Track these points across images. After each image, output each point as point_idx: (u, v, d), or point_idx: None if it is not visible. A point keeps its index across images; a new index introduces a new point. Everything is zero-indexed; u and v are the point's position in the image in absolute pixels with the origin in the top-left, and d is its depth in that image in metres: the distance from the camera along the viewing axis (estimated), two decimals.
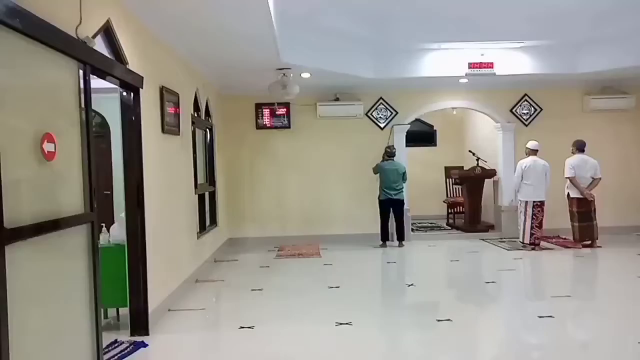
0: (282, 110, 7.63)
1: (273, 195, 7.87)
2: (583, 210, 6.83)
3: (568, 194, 6.94)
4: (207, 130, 6.71)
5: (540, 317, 3.98)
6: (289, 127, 7.75)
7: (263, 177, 7.87)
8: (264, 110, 7.69)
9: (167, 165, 4.55)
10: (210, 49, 5.12)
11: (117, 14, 3.37)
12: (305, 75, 6.43)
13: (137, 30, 3.83)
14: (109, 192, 5.52)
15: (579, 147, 6.91)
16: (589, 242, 6.86)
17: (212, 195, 6.82)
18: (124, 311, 3.88)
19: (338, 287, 5.05)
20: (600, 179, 6.82)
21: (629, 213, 7.94)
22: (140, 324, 3.68)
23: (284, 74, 5.98)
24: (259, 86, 6.90)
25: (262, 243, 7.59)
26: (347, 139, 7.87)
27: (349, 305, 4.43)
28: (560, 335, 3.72)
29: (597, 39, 6.58)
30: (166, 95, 4.40)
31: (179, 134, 4.85)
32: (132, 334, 3.66)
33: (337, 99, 7.75)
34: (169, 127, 4.49)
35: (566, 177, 6.84)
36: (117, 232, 3.90)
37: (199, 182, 5.88)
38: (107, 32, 3.25)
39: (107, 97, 4.05)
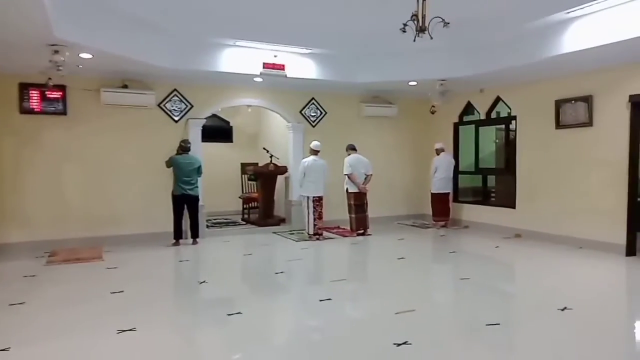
0: (55, 94, 6.58)
1: (45, 193, 6.75)
2: (358, 203, 7.84)
3: (347, 189, 7.86)
4: None
5: (321, 300, 4.38)
6: (64, 113, 6.75)
7: (31, 171, 6.67)
8: (31, 92, 6.51)
9: None
10: None
11: None
12: (86, 55, 5.68)
13: None
14: None
15: (352, 147, 7.95)
16: (362, 231, 7.92)
17: None
18: None
19: (122, 291, 4.63)
20: (371, 175, 7.94)
21: (391, 205, 9.45)
22: None
23: (57, 52, 5.15)
24: (25, 63, 5.83)
25: (28, 249, 6.46)
26: (138, 130, 7.29)
27: (133, 311, 4.09)
28: (336, 315, 4.13)
29: (370, 54, 7.60)
30: None
31: None
32: None
33: (125, 86, 7.09)
34: None
35: (345, 174, 7.74)
36: None
37: None
38: None
39: None
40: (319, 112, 8.74)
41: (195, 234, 7.21)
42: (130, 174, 7.26)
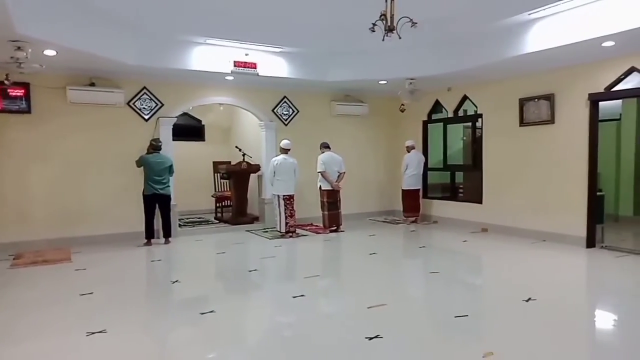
0: (18, 92, 6.38)
1: (8, 193, 6.55)
2: (331, 201, 7.92)
3: (320, 187, 7.93)
4: None
5: (294, 297, 4.42)
6: (29, 111, 6.56)
7: None
8: None
9: None
10: None
11: None
12: (50, 52, 5.54)
13: None
14: None
15: (326, 145, 8.01)
16: (335, 227, 8.00)
17: None
18: None
19: (91, 293, 4.56)
20: (344, 172, 8.03)
21: (363, 202, 9.57)
22: None
23: (19, 48, 5.00)
24: None
25: None
26: (106, 129, 7.14)
27: (104, 312, 4.04)
28: (309, 311, 4.18)
29: (341, 53, 7.66)
30: None
31: None
32: None
33: (92, 84, 6.94)
34: None
35: (318, 172, 7.81)
36: None
37: None
38: None
39: None
40: (291, 110, 8.76)
41: (167, 234, 7.13)
42: (99, 174, 7.11)
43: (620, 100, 7.47)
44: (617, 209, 8.47)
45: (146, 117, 7.45)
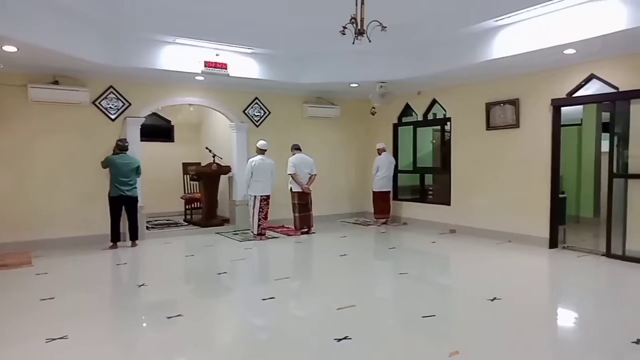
0: None
1: None
2: (303, 203, 7.91)
3: (291, 189, 7.92)
4: None
5: (264, 299, 4.40)
6: None
7: None
8: None
9: None
10: None
11: None
12: (10, 49, 5.34)
13: None
14: None
15: (297, 147, 8.00)
16: (306, 229, 8.00)
17: None
18: None
19: (52, 298, 4.41)
20: (315, 175, 8.03)
21: (335, 203, 9.61)
22: None
23: None
24: None
25: None
26: (71, 128, 6.93)
27: (65, 317, 3.91)
28: (279, 313, 4.17)
29: (313, 55, 7.68)
30: None
31: None
32: None
33: (56, 82, 6.72)
34: None
35: (289, 174, 7.80)
36: None
37: None
38: None
39: None
40: (262, 111, 8.71)
41: (134, 236, 6.98)
42: (63, 175, 6.89)
43: (581, 106, 7.74)
44: (578, 210, 8.78)
45: (113, 116, 7.27)
